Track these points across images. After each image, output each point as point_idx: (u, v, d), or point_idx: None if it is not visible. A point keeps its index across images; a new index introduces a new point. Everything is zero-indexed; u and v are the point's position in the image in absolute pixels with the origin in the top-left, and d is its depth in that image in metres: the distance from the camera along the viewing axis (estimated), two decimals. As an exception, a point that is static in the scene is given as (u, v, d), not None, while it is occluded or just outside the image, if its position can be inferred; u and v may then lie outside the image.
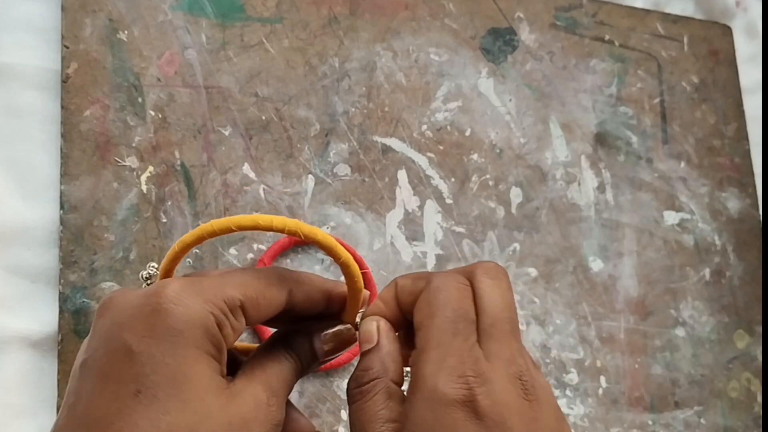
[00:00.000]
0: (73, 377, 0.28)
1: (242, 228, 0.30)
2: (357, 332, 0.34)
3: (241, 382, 0.29)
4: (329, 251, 0.31)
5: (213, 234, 0.30)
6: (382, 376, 0.31)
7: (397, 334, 0.33)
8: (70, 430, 0.26)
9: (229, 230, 0.30)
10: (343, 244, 0.50)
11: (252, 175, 0.52)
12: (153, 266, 0.33)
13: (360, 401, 0.31)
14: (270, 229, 0.29)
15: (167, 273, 0.33)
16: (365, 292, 0.34)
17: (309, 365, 0.33)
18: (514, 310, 0.31)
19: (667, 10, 0.70)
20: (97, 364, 0.26)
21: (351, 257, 0.32)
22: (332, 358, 0.34)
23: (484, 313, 0.30)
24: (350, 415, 0.32)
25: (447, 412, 0.27)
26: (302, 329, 0.33)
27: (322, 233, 0.30)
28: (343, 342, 0.33)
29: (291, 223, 0.29)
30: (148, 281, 0.33)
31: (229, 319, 0.28)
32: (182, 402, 0.25)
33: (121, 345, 0.26)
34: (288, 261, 0.52)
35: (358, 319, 0.34)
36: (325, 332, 0.33)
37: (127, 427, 0.25)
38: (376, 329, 0.33)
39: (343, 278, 0.33)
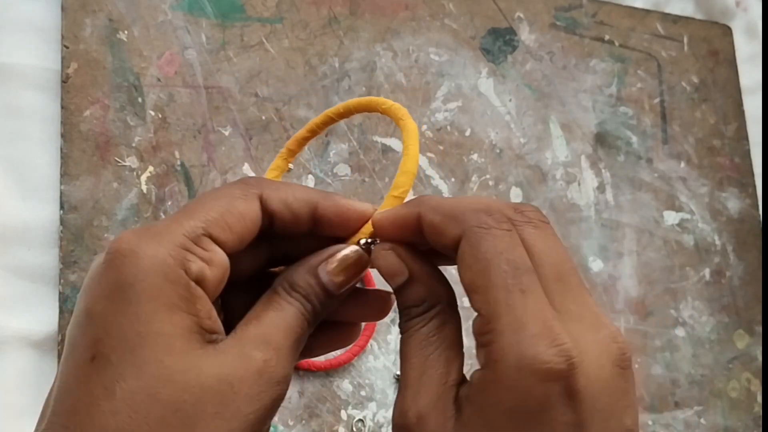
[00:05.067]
0: None
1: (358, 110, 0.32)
2: (364, 253, 0.28)
3: (230, 341, 0.25)
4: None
5: (339, 116, 0.33)
6: (437, 302, 0.27)
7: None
8: (47, 402, 0.25)
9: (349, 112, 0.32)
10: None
11: (252, 175, 0.52)
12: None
13: (405, 333, 0.27)
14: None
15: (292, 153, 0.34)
16: (364, 207, 0.28)
17: (324, 303, 0.28)
18: (572, 260, 0.26)
19: (667, 10, 0.70)
20: (69, 331, 0.25)
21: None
22: (348, 289, 0.28)
23: (542, 266, 0.25)
24: (401, 342, 0.27)
25: (540, 385, 0.22)
26: (303, 263, 0.28)
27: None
28: (352, 268, 0.28)
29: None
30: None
31: (195, 253, 0.24)
32: (137, 366, 0.23)
33: (81, 309, 0.24)
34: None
35: (362, 241, 0.28)
36: (329, 261, 0.28)
37: (83, 397, 0.23)
38: (398, 258, 0.27)
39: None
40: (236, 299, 0.28)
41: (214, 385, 0.23)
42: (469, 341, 0.26)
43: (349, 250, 0.28)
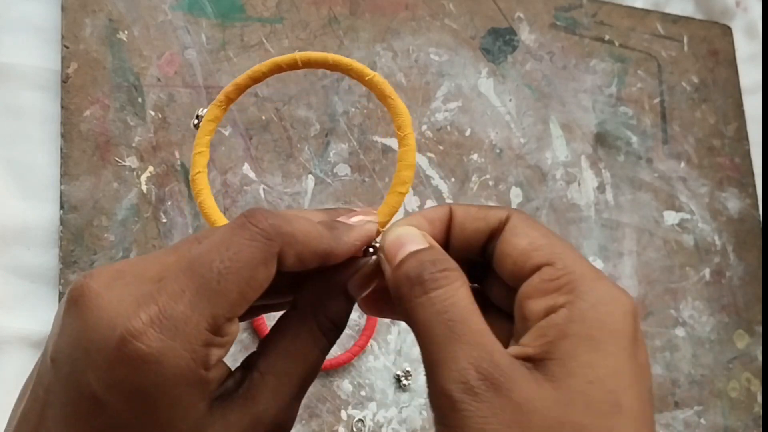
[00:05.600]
0: (44, 363, 0.25)
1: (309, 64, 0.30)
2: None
3: (240, 399, 0.25)
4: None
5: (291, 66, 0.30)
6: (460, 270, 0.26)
7: None
8: None
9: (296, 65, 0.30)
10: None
11: (252, 175, 0.52)
12: (202, 110, 0.32)
13: (449, 286, 0.25)
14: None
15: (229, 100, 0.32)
16: (370, 230, 0.29)
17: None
18: None
19: (667, 10, 0.70)
20: (63, 383, 0.24)
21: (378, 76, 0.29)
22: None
23: None
24: (426, 305, 0.25)
25: (629, 317, 0.26)
26: (332, 286, 0.28)
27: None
28: (375, 275, 0.29)
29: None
30: (197, 123, 0.32)
31: (215, 345, 0.24)
32: None
33: (86, 384, 0.23)
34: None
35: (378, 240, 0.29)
36: (356, 277, 0.29)
37: None
38: (423, 236, 0.28)
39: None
40: None
41: None
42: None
43: (371, 261, 0.29)
